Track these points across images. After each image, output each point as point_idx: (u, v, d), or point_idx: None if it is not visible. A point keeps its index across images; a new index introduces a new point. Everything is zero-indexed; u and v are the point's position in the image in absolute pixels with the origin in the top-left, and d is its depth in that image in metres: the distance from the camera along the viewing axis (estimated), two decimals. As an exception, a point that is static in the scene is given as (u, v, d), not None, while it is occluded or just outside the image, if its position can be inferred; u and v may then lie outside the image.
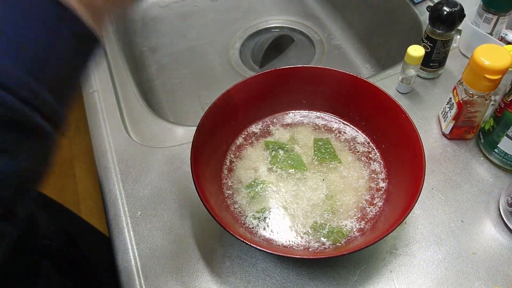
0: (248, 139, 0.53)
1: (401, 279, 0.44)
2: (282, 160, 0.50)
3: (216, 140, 0.50)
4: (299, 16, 0.96)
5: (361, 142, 0.52)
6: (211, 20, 0.98)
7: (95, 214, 1.36)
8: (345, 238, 0.44)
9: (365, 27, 0.88)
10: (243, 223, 0.46)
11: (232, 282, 0.44)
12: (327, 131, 0.53)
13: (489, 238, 0.47)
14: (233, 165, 0.50)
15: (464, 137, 0.55)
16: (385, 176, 0.49)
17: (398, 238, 0.47)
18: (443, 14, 0.55)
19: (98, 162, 0.56)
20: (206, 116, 0.47)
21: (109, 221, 0.50)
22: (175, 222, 0.49)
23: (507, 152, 0.50)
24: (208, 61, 0.89)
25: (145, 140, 0.58)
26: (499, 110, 0.49)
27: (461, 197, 0.50)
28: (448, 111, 0.54)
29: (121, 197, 0.51)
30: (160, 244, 0.47)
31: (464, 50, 0.65)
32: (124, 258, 0.46)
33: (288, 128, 0.54)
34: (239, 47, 0.90)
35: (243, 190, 0.48)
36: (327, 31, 0.93)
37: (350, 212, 0.46)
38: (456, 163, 0.53)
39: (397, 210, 0.43)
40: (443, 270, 0.45)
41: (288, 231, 0.45)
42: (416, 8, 0.73)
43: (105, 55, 0.71)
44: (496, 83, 0.48)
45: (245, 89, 0.51)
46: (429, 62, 0.60)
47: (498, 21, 0.60)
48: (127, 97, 0.64)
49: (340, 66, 0.85)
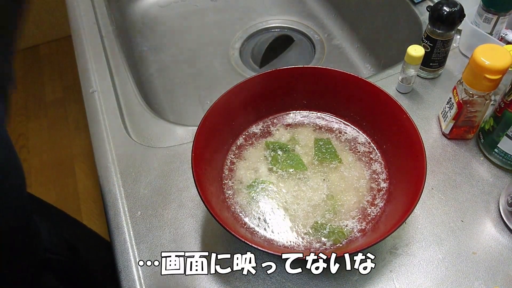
0: (248, 139, 0.53)
1: (401, 279, 0.44)
2: (282, 161, 0.50)
3: (217, 141, 0.50)
4: (299, 16, 0.96)
5: (362, 142, 0.52)
6: (211, 20, 0.98)
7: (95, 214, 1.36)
8: (346, 238, 0.44)
9: (365, 27, 0.88)
10: (243, 223, 0.46)
11: (232, 282, 0.44)
12: (328, 131, 0.53)
13: (489, 238, 0.47)
14: (234, 165, 0.51)
15: (464, 137, 0.55)
16: (386, 177, 0.49)
17: (398, 238, 0.47)
18: (443, 14, 0.55)
19: (98, 162, 0.56)
20: (207, 117, 0.47)
21: (109, 221, 0.50)
22: (175, 222, 0.49)
23: (507, 152, 0.50)
24: (208, 61, 0.89)
25: (145, 140, 0.58)
26: (499, 110, 0.49)
27: (461, 197, 0.50)
28: (448, 111, 0.54)
29: (121, 197, 0.51)
30: (160, 244, 0.47)
31: (464, 50, 0.65)
32: (124, 258, 0.46)
33: (289, 128, 0.54)
34: (239, 47, 0.90)
35: (244, 190, 0.48)
36: (327, 31, 0.93)
37: (351, 212, 0.46)
38: (456, 163, 0.53)
39: (398, 210, 0.43)
40: (443, 270, 0.45)
41: (289, 232, 0.45)
42: (416, 8, 0.73)
43: (105, 55, 0.71)
44: (496, 83, 0.48)
45: (245, 89, 0.51)
46: (429, 62, 0.60)
47: (498, 21, 0.60)
48: (127, 97, 0.64)
49: (340, 66, 0.85)
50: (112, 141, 0.57)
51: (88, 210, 1.38)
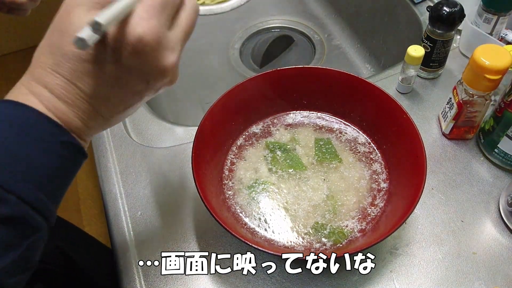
0: (248, 139, 0.53)
1: (401, 279, 0.44)
2: (282, 161, 0.50)
3: (217, 141, 0.50)
4: (299, 16, 0.96)
5: (362, 142, 0.52)
6: (211, 20, 0.98)
7: (95, 214, 1.36)
8: (346, 238, 0.44)
9: (365, 27, 0.88)
10: (244, 223, 0.46)
11: (232, 282, 0.44)
12: (328, 132, 0.53)
13: (489, 238, 0.47)
14: (234, 165, 0.50)
15: (464, 137, 0.55)
16: (386, 177, 0.49)
17: (398, 238, 0.47)
18: (443, 14, 0.55)
19: (98, 162, 0.56)
20: (207, 117, 0.47)
21: (109, 221, 0.50)
22: (175, 222, 0.49)
23: (507, 152, 0.50)
24: (208, 61, 0.89)
25: (145, 140, 0.58)
26: (499, 110, 0.49)
27: (461, 197, 0.50)
28: (448, 111, 0.54)
29: (121, 197, 0.51)
30: (160, 244, 0.47)
31: (464, 50, 0.65)
32: (124, 258, 0.46)
33: (289, 128, 0.54)
34: (239, 47, 0.90)
35: (244, 190, 0.48)
36: (327, 31, 0.93)
37: (351, 212, 0.46)
38: (456, 163, 0.53)
39: (398, 211, 0.43)
40: (443, 270, 0.45)
41: (289, 232, 0.45)
42: (416, 8, 0.73)
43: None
44: (496, 83, 0.48)
45: (245, 89, 0.51)
46: (429, 62, 0.60)
47: (498, 21, 0.60)
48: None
49: (340, 66, 0.85)
50: (112, 141, 0.57)
51: (88, 210, 1.37)
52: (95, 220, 1.35)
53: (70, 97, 0.29)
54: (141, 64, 0.28)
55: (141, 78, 0.30)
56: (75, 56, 0.28)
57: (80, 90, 0.29)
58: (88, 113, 0.30)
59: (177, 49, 0.30)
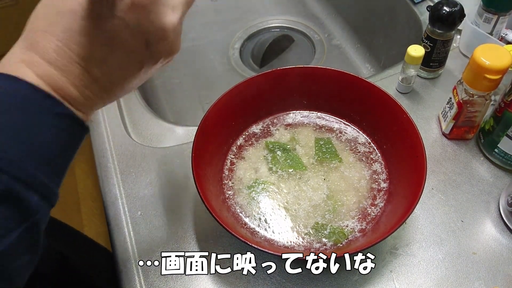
0: (248, 139, 0.53)
1: (401, 279, 0.44)
2: (282, 161, 0.50)
3: (217, 141, 0.50)
4: (299, 16, 0.96)
5: (362, 142, 0.52)
6: (211, 20, 0.98)
7: (95, 214, 1.36)
8: (347, 238, 0.44)
9: (365, 27, 0.88)
10: (244, 223, 0.46)
11: (232, 282, 0.44)
12: (328, 131, 0.53)
13: (489, 238, 0.47)
14: (234, 165, 0.50)
15: (464, 137, 0.55)
16: (387, 177, 0.49)
17: (398, 238, 0.47)
18: (443, 14, 0.55)
19: (98, 162, 0.56)
20: (207, 117, 0.47)
21: (109, 221, 0.50)
22: (175, 222, 0.49)
23: (507, 152, 0.50)
24: (208, 61, 0.89)
25: (145, 140, 0.58)
26: (499, 110, 0.49)
27: (461, 197, 0.50)
28: (448, 111, 0.54)
29: (121, 197, 0.51)
30: (160, 244, 0.47)
31: (464, 50, 0.65)
32: (124, 258, 0.46)
33: (289, 128, 0.54)
34: (239, 47, 0.90)
35: (244, 190, 0.48)
36: (327, 31, 0.93)
37: (351, 212, 0.46)
38: (456, 163, 0.53)
39: (398, 211, 0.43)
40: (443, 270, 0.45)
41: (290, 232, 0.45)
42: (416, 8, 0.73)
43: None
44: (496, 83, 0.48)
45: (245, 89, 0.51)
46: (429, 62, 0.60)
47: (498, 21, 0.60)
48: (127, 97, 0.64)
49: (340, 66, 0.85)
50: (112, 141, 0.57)
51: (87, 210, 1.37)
52: (95, 220, 1.35)
53: (63, 62, 0.27)
54: (139, 19, 0.27)
55: (139, 37, 0.28)
56: (70, 12, 0.27)
57: (73, 53, 0.27)
58: (83, 79, 0.28)
59: (178, 9, 0.28)
